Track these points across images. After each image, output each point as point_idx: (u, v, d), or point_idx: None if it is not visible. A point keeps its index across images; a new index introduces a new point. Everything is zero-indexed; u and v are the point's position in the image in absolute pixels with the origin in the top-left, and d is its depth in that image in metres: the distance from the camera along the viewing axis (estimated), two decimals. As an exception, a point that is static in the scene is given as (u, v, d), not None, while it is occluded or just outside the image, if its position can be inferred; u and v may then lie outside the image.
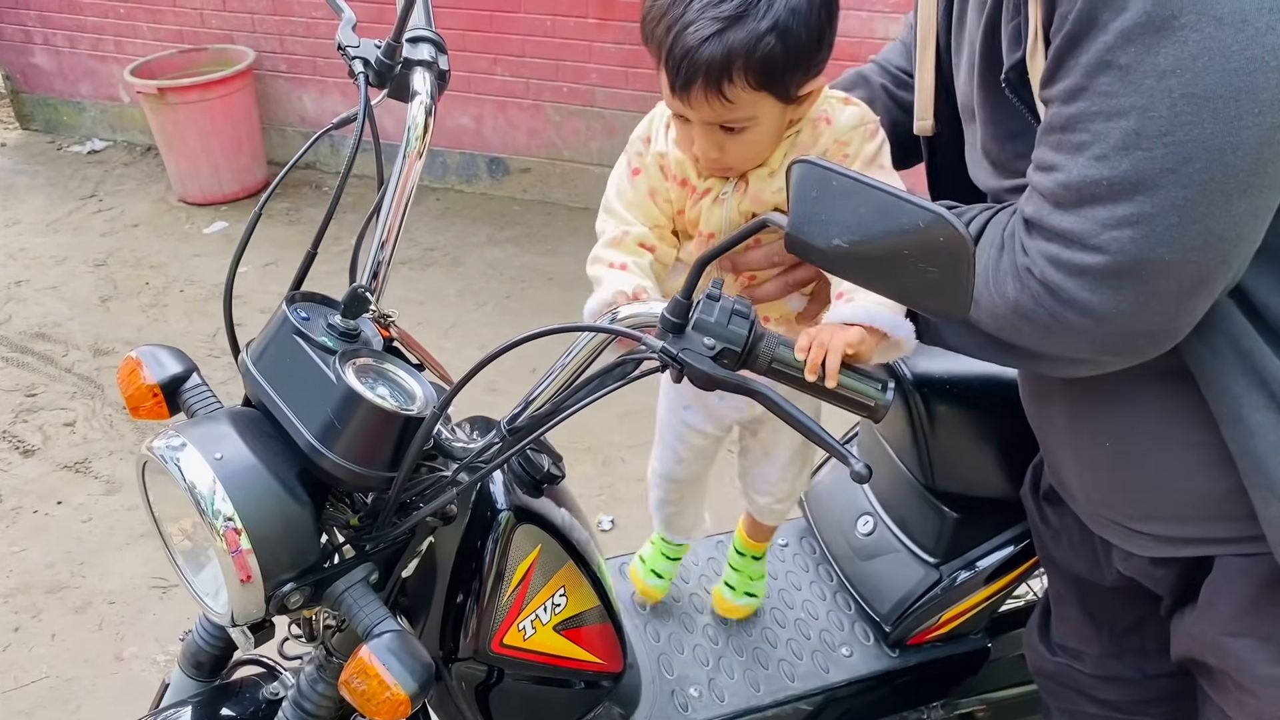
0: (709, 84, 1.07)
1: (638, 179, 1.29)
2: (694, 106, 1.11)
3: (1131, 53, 0.81)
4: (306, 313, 1.11)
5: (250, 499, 1.02)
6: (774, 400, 0.95)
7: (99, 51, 5.39)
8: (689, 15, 1.06)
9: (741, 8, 1.05)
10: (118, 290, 4.15)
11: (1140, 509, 1.15)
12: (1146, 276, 0.86)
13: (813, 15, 1.07)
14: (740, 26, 1.04)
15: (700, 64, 1.06)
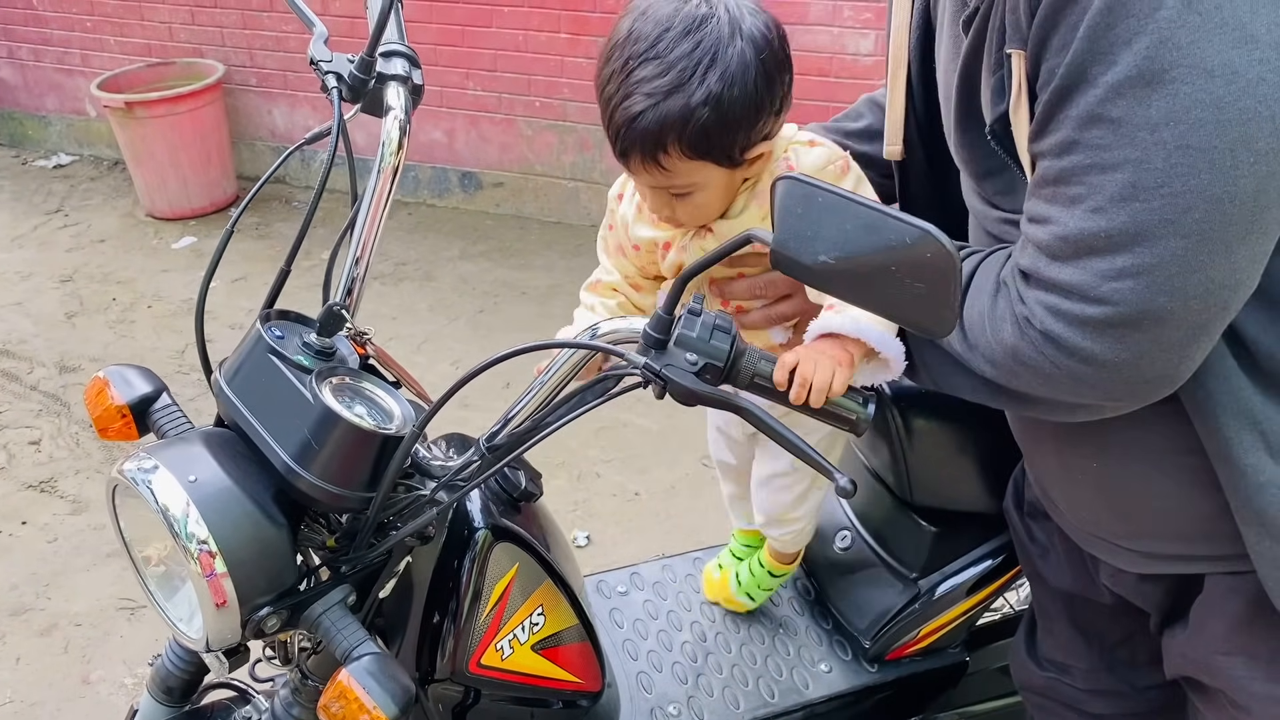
0: (645, 154, 1.09)
1: (611, 233, 1.33)
2: (635, 174, 1.15)
3: (1123, 106, 0.81)
4: (281, 331, 1.10)
5: (225, 522, 1.00)
6: (757, 415, 0.94)
7: (65, 65, 5.32)
8: (625, 88, 1.07)
9: (675, 82, 1.05)
10: (84, 306, 4.09)
11: (1128, 527, 1.15)
12: (1148, 326, 0.86)
13: (750, 84, 1.07)
14: (673, 99, 1.05)
15: (635, 136, 1.08)
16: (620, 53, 1.09)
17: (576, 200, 4.56)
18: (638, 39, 1.07)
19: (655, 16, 1.08)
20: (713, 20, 1.07)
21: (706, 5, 1.08)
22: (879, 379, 1.09)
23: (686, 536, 2.79)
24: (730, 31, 1.06)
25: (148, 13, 4.97)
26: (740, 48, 1.06)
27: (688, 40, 1.05)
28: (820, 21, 3.79)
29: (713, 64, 1.05)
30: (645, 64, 1.06)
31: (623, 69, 1.08)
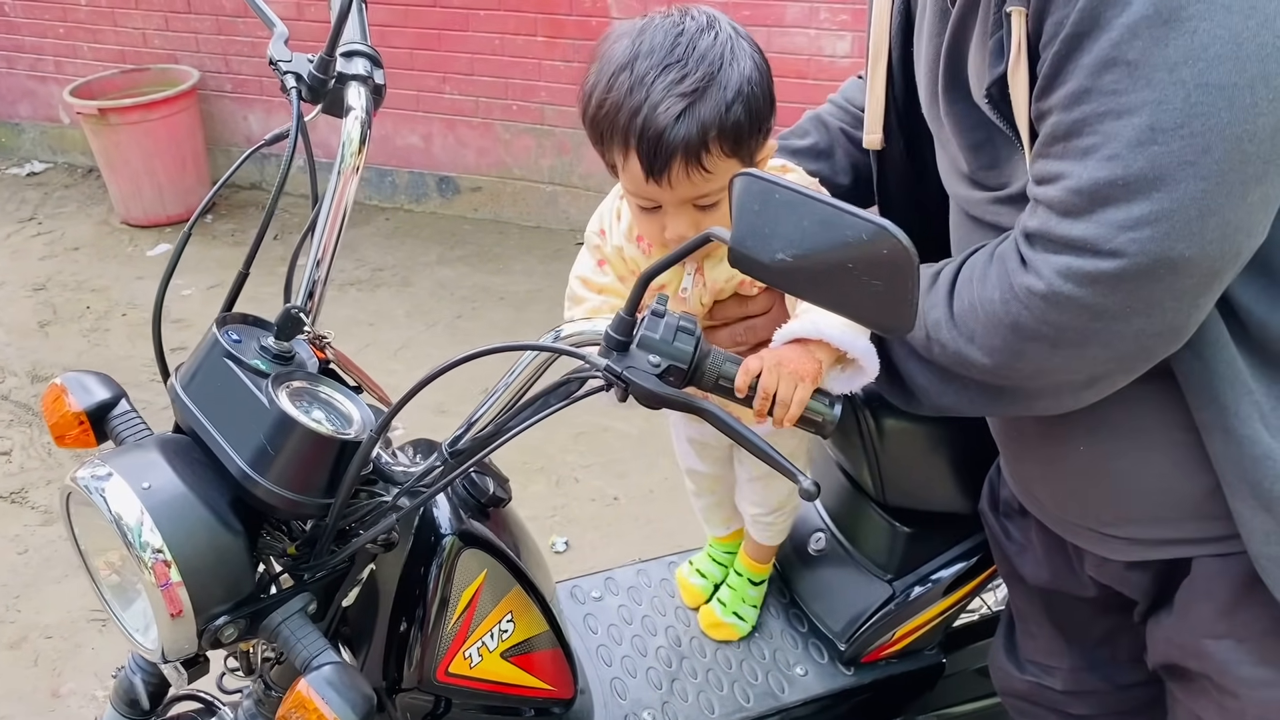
0: (689, 158, 1.07)
1: (605, 268, 1.28)
2: (674, 185, 1.10)
3: (1139, 47, 0.80)
4: (238, 335, 1.08)
5: (180, 529, 0.98)
6: (720, 418, 0.93)
7: (38, 72, 5.28)
8: (654, 96, 1.06)
9: (705, 79, 1.06)
10: (57, 315, 4.05)
11: (1116, 512, 1.13)
12: (1163, 274, 0.85)
13: (765, 79, 1.11)
14: (709, 97, 1.06)
15: (678, 141, 1.06)
16: (629, 72, 1.08)
17: (555, 204, 4.55)
18: (649, 52, 1.08)
19: (661, 29, 1.10)
20: (718, 24, 1.11)
21: (704, 15, 1.12)
22: (855, 384, 1.08)
23: (665, 540, 2.77)
24: (734, 34, 1.11)
25: (121, 19, 4.93)
26: (746, 47, 1.11)
27: (704, 40, 1.08)
28: (797, 24, 3.79)
29: (734, 59, 1.08)
30: (667, 70, 1.07)
31: (640, 83, 1.07)
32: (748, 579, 1.68)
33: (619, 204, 1.28)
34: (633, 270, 1.27)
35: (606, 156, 1.15)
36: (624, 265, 1.27)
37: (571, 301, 1.28)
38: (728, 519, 1.69)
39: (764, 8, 3.83)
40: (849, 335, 1.02)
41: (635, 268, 1.26)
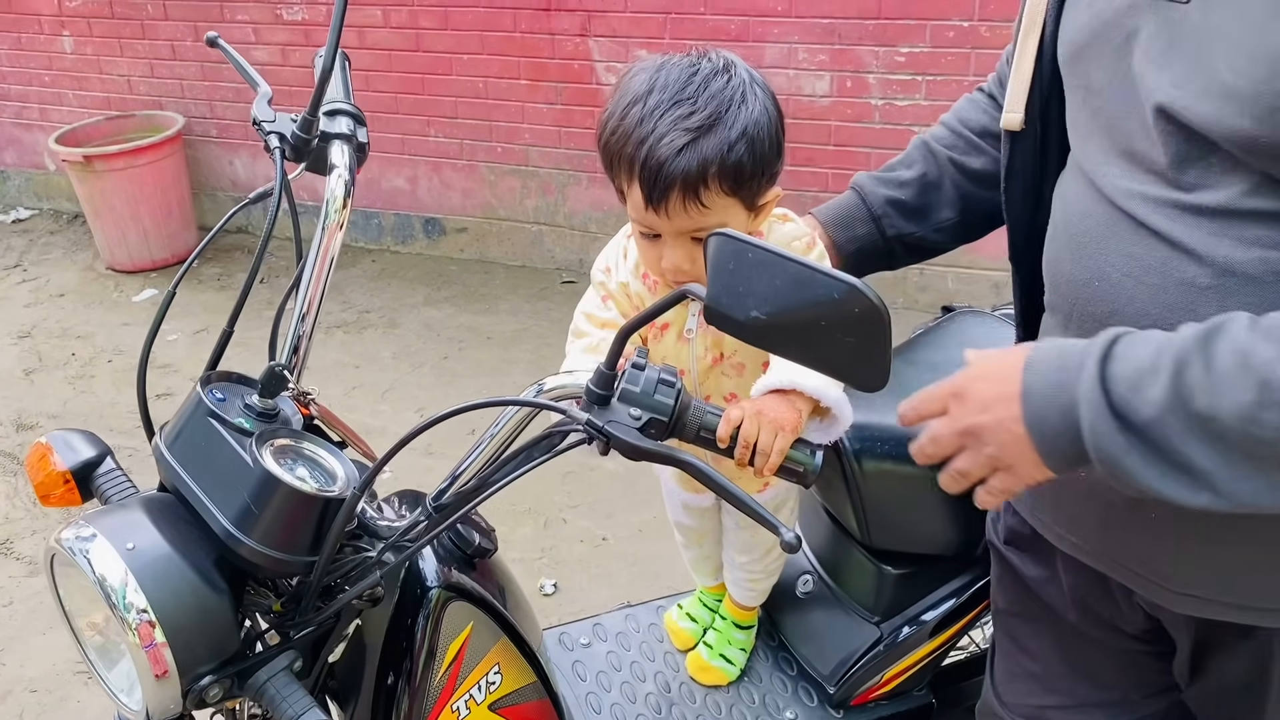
0: (686, 191, 1.11)
1: (609, 303, 1.32)
2: (671, 216, 1.14)
3: None
4: (222, 393, 1.09)
5: (164, 590, 0.98)
6: (703, 470, 0.94)
7: (23, 119, 5.29)
8: (660, 128, 1.11)
9: (712, 118, 1.10)
10: (42, 362, 4.04)
11: (1212, 577, 1.04)
12: None
13: (773, 128, 1.15)
14: (712, 135, 1.10)
15: (678, 172, 1.10)
16: (642, 105, 1.13)
17: (540, 244, 4.57)
18: (663, 88, 1.13)
19: (678, 67, 1.15)
20: (734, 69, 1.15)
21: (723, 60, 1.16)
22: (831, 435, 1.10)
23: (654, 580, 2.77)
24: (750, 80, 1.15)
25: (107, 66, 4.96)
26: (760, 94, 1.15)
27: (716, 82, 1.13)
28: (776, 64, 3.85)
29: (744, 103, 1.12)
30: (677, 106, 1.11)
31: (650, 115, 1.12)
32: (734, 623, 1.69)
33: (626, 243, 1.32)
34: (636, 306, 1.30)
35: (615, 182, 1.20)
36: (628, 302, 1.31)
37: (574, 335, 1.31)
38: (716, 570, 1.69)
39: (743, 48, 3.88)
40: (822, 385, 1.04)
41: (640, 303, 1.29)
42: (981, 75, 3.59)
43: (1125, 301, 1.00)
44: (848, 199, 1.45)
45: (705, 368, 1.30)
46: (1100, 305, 1.02)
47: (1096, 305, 1.03)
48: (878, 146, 3.83)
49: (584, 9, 4.05)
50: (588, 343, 1.28)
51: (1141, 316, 0.98)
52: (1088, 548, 1.15)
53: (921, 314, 4.15)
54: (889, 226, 1.41)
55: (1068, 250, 1.07)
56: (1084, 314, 1.05)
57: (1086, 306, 1.04)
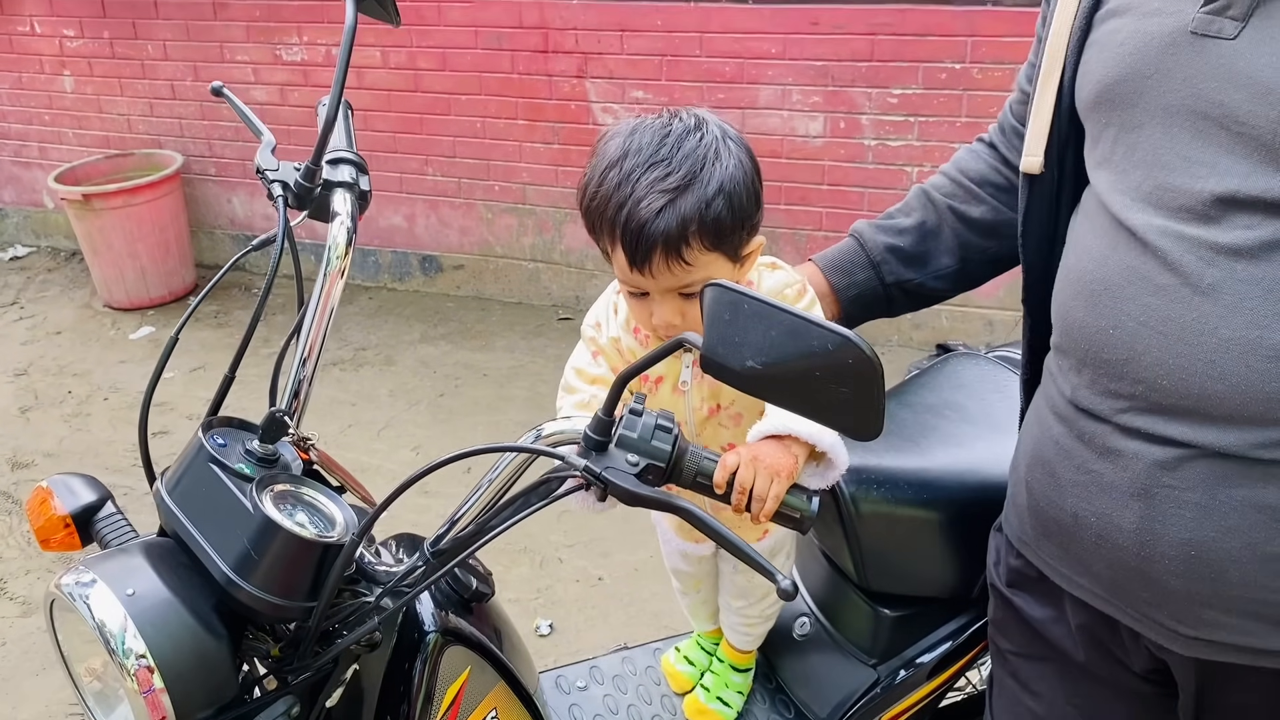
0: (668, 250, 1.13)
1: (600, 358, 1.33)
2: (656, 275, 1.16)
3: None
4: (223, 439, 1.10)
5: (163, 636, 0.99)
6: (699, 517, 0.95)
7: (22, 158, 5.33)
8: (638, 192, 1.13)
9: (688, 177, 1.13)
10: (38, 400, 4.04)
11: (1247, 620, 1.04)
12: None
13: (749, 180, 1.16)
14: (689, 193, 1.12)
15: (658, 233, 1.12)
16: (618, 169, 1.15)
17: (537, 280, 4.60)
18: (637, 150, 1.15)
19: (650, 129, 1.17)
20: (705, 126, 1.17)
21: (694, 118, 1.18)
22: (827, 479, 1.11)
23: (650, 620, 2.76)
24: (721, 136, 1.17)
25: (106, 105, 5.00)
26: (733, 148, 1.16)
27: (689, 142, 1.14)
28: (770, 106, 3.89)
29: (717, 159, 1.14)
30: (652, 168, 1.13)
31: (627, 179, 1.14)
32: (731, 666, 1.69)
33: (616, 298, 1.33)
34: (627, 361, 1.31)
35: (599, 244, 1.22)
36: (619, 357, 1.32)
37: (565, 391, 1.32)
38: (713, 615, 1.70)
39: (738, 90, 3.93)
40: (817, 430, 1.05)
41: (631, 358, 1.31)
42: (973, 116, 3.67)
43: (1142, 350, 1.01)
44: (847, 246, 1.46)
45: (701, 419, 1.31)
46: (1114, 353, 1.04)
47: (1111, 353, 1.04)
48: (871, 186, 3.87)
49: (581, 51, 4.11)
50: (578, 399, 1.29)
51: (1157, 366, 1.00)
52: (1097, 591, 1.15)
53: (916, 351, 4.17)
54: (888, 273, 1.43)
55: (1081, 297, 1.08)
56: (1098, 361, 1.06)
57: (1100, 354, 1.05)
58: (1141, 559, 1.06)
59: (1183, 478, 1.01)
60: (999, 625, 1.35)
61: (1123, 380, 1.03)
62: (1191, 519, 1.01)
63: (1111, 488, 1.07)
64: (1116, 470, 1.06)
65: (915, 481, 1.48)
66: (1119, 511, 1.06)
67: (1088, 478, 1.09)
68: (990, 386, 1.62)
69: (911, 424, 1.55)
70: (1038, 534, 1.21)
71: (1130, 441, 1.04)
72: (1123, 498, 1.05)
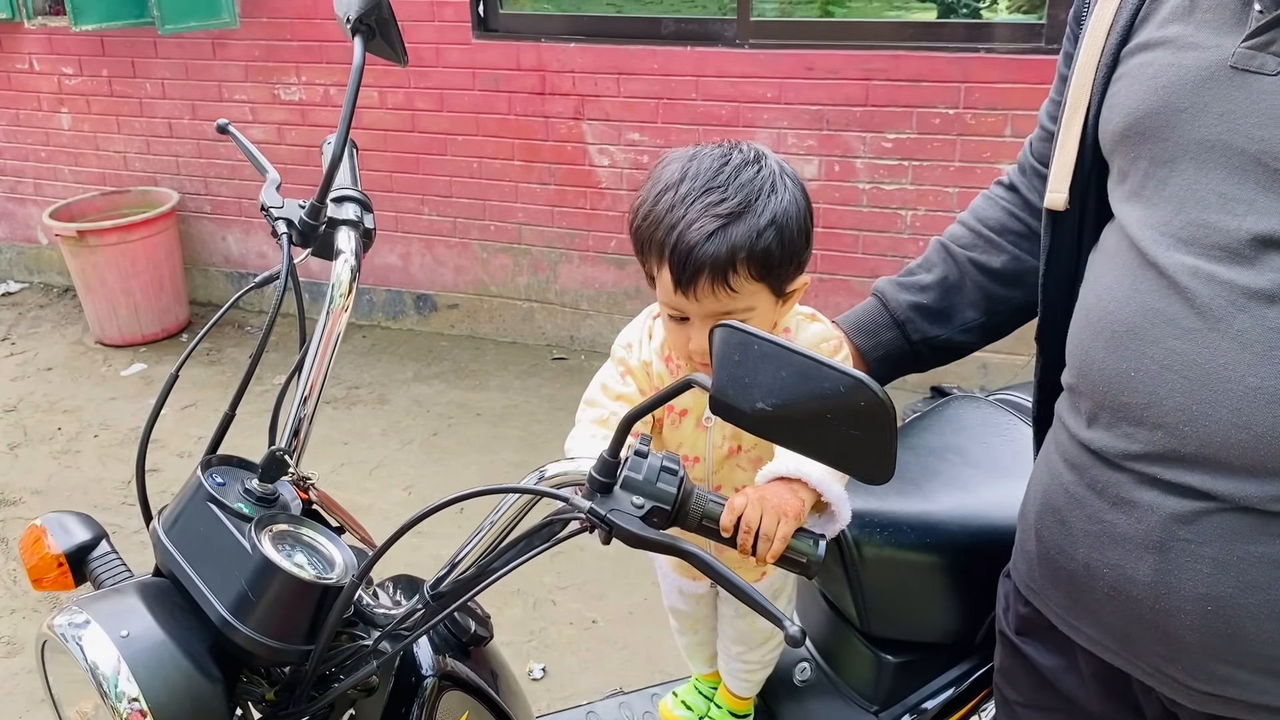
0: (715, 275, 1.14)
1: (628, 378, 1.33)
2: (700, 299, 1.16)
3: None
4: (222, 477, 1.08)
5: (157, 679, 0.97)
6: (705, 561, 0.93)
7: (17, 194, 5.33)
8: (690, 214, 1.14)
9: (741, 205, 1.14)
10: (27, 437, 4.00)
11: None
12: None
13: (801, 217, 1.18)
14: (742, 222, 1.13)
15: (707, 257, 1.13)
16: (674, 191, 1.16)
17: (531, 320, 4.60)
18: (695, 176, 1.16)
19: (710, 156, 1.18)
20: (765, 160, 1.19)
21: (754, 151, 1.19)
22: (828, 531, 1.10)
23: (645, 664, 2.73)
24: (780, 171, 1.18)
25: (103, 143, 5.02)
26: (790, 185, 1.18)
27: (747, 172, 1.16)
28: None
29: (773, 192, 1.15)
30: (709, 193, 1.15)
31: (681, 201, 1.15)
32: (730, 712, 1.66)
33: (652, 324, 1.34)
34: (655, 386, 1.31)
35: (646, 266, 1.22)
36: (648, 380, 1.32)
37: (586, 404, 1.32)
38: (711, 657, 1.68)
39: (733, 133, 3.96)
40: (827, 479, 1.04)
41: (660, 383, 1.31)
42: (967, 161, 3.70)
43: (1164, 395, 0.98)
44: (870, 306, 1.45)
45: (721, 457, 1.30)
46: (1134, 396, 1.01)
47: (1130, 396, 1.02)
48: (865, 229, 3.89)
49: (577, 93, 4.14)
50: (598, 414, 1.28)
51: (1179, 411, 0.98)
52: (1107, 643, 1.12)
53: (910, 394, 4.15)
54: (913, 331, 1.42)
55: (1101, 337, 1.06)
56: (1116, 404, 1.03)
57: (1119, 398, 1.03)
58: (1156, 613, 1.03)
59: (1200, 531, 0.99)
60: (1006, 674, 1.32)
61: (1141, 425, 1.01)
62: (1209, 574, 0.99)
63: (1125, 539, 1.04)
64: (1131, 521, 1.04)
65: (919, 526, 1.47)
66: (1133, 564, 1.04)
67: (1100, 528, 1.07)
68: (992, 430, 1.62)
69: (914, 467, 1.54)
70: (1046, 582, 1.18)
71: (1146, 492, 1.02)
72: (1137, 550, 1.03)
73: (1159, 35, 1.06)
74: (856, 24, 4.04)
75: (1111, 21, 1.11)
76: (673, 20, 4.05)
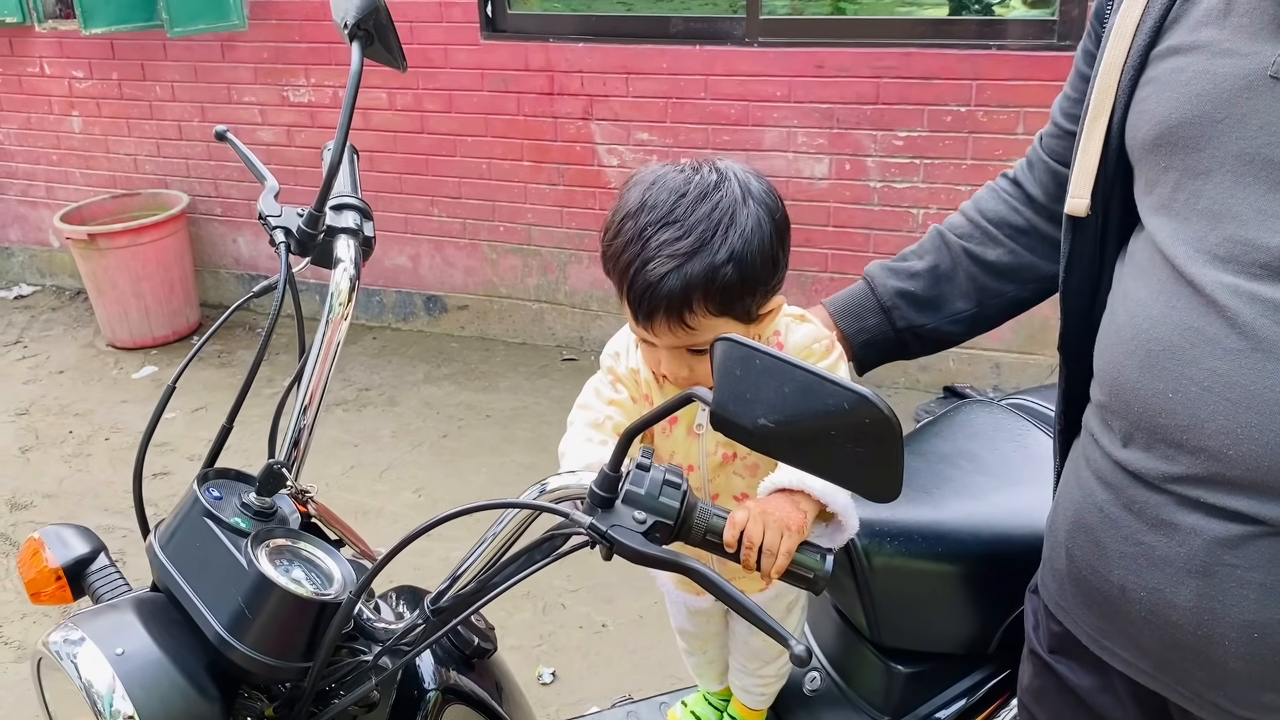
0: (670, 314, 1.11)
1: (619, 385, 1.30)
2: (658, 335, 1.14)
3: None
4: (219, 491, 1.07)
5: (153, 697, 0.96)
6: (710, 579, 0.91)
7: (29, 198, 5.35)
8: (647, 252, 1.10)
9: (697, 243, 1.09)
10: (39, 440, 4.01)
11: None
12: None
13: (765, 242, 1.12)
14: (698, 259, 1.09)
15: (661, 297, 1.09)
16: (634, 221, 1.12)
17: (541, 321, 4.58)
18: (653, 207, 1.11)
19: (668, 185, 1.13)
20: (725, 185, 1.12)
21: (716, 173, 1.14)
22: (835, 541, 1.07)
23: (655, 669, 2.71)
24: (742, 195, 1.12)
25: (114, 146, 5.02)
26: (753, 209, 1.12)
27: (704, 204, 1.10)
28: (776, 148, 3.90)
29: (731, 224, 1.10)
30: (664, 228, 1.10)
31: (639, 236, 1.11)
32: (741, 722, 1.64)
33: None
34: (644, 394, 1.28)
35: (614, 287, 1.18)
36: (637, 388, 1.29)
37: (580, 408, 1.28)
38: (721, 674, 1.65)
39: (743, 132, 3.94)
40: (830, 490, 1.02)
41: (647, 391, 1.28)
42: (979, 159, 3.67)
43: (1206, 417, 0.94)
44: (858, 289, 1.42)
45: (715, 464, 1.28)
46: (1173, 419, 0.97)
47: (1169, 419, 0.97)
48: (876, 228, 3.86)
49: (586, 93, 4.12)
50: (592, 418, 1.25)
51: (1223, 435, 0.93)
52: (1143, 666, 1.08)
53: (923, 394, 4.14)
54: (899, 318, 1.39)
55: (1135, 356, 1.01)
56: (1153, 426, 0.99)
57: (1157, 419, 0.98)
58: (1199, 639, 0.99)
59: (1246, 556, 0.95)
60: (1036, 694, 1.27)
61: (1181, 449, 0.96)
62: (1255, 600, 0.95)
63: (1165, 562, 1.00)
64: (1172, 544, 0.99)
65: (930, 534, 1.44)
66: (1173, 588, 1.00)
67: (1137, 549, 1.03)
68: (1005, 436, 1.59)
69: (925, 474, 1.51)
70: (1078, 603, 1.14)
71: (1188, 515, 0.97)
72: (1178, 574, 0.99)
73: (1191, 39, 1.01)
74: (867, 21, 4.01)
75: (1138, 21, 1.06)
76: (682, 19, 4.02)
